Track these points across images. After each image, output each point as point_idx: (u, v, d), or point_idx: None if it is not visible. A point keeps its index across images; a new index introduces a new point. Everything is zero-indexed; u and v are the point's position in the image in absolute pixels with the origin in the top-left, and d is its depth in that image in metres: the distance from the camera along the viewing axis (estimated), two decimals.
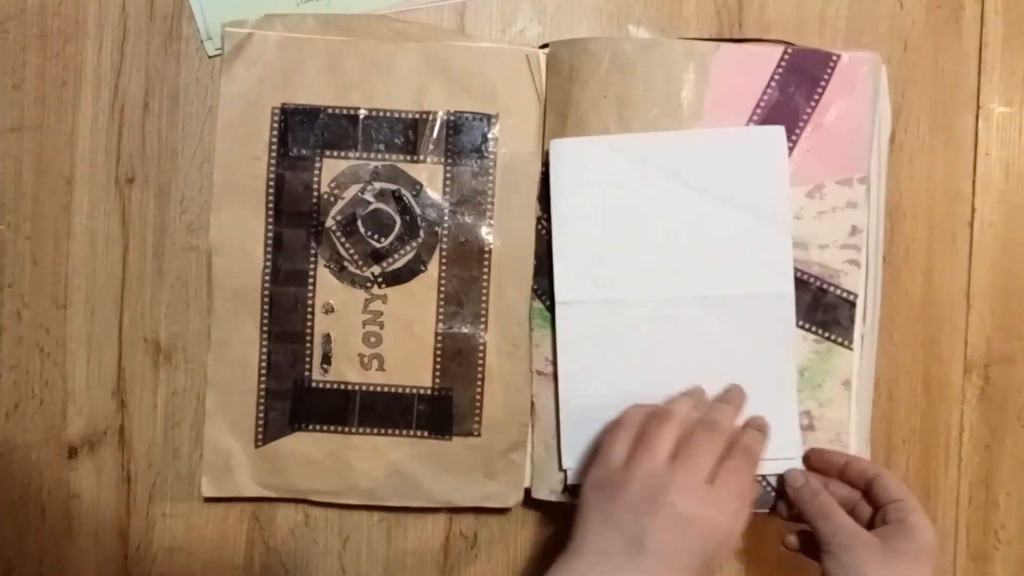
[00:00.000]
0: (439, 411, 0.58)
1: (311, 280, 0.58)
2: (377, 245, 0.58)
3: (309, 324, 0.58)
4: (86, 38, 0.59)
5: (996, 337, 0.60)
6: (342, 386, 0.58)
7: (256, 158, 0.57)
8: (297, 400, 0.58)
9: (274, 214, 0.57)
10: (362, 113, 0.58)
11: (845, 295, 0.57)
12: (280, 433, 0.58)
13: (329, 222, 0.58)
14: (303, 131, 0.57)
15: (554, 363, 0.57)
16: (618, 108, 0.56)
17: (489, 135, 0.58)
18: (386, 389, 0.58)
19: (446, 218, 0.58)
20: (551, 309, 0.57)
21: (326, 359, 0.58)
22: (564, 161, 0.56)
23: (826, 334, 0.57)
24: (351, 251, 0.58)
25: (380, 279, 0.58)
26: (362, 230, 0.58)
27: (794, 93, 0.56)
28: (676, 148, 0.56)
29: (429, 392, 0.58)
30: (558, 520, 0.59)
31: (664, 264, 0.56)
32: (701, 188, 0.56)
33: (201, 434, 0.58)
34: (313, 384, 0.58)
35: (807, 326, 0.57)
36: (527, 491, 0.58)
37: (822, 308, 0.57)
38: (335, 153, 0.58)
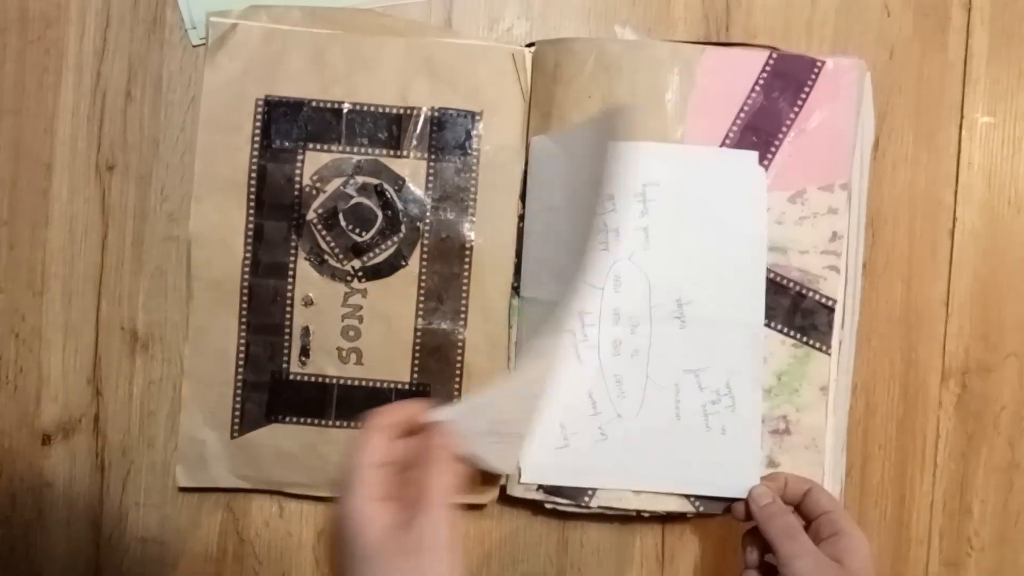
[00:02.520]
0: None
1: (291, 273, 0.57)
2: (358, 239, 0.58)
3: (288, 317, 0.57)
4: (68, 23, 0.58)
5: (974, 346, 0.60)
6: (320, 379, 0.58)
7: (238, 149, 0.57)
8: (274, 392, 0.58)
9: (255, 206, 0.57)
10: (346, 107, 0.57)
11: (824, 300, 0.57)
12: (256, 425, 0.58)
13: (310, 215, 0.57)
14: (286, 123, 0.57)
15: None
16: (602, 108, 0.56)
17: (473, 132, 0.58)
18: (364, 383, 0.58)
19: (428, 214, 0.58)
20: None
21: (304, 352, 0.58)
22: (543, 159, 0.56)
23: (804, 339, 0.57)
24: (332, 244, 0.57)
25: (360, 273, 0.57)
26: (343, 224, 0.57)
27: (778, 98, 0.56)
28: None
29: (407, 387, 0.58)
30: (533, 517, 0.59)
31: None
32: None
33: (177, 424, 0.58)
34: (291, 376, 0.58)
35: (785, 330, 0.57)
36: (502, 488, 0.58)
37: (801, 313, 0.57)
38: (318, 146, 0.57)
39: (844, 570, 0.49)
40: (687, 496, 0.56)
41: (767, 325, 0.57)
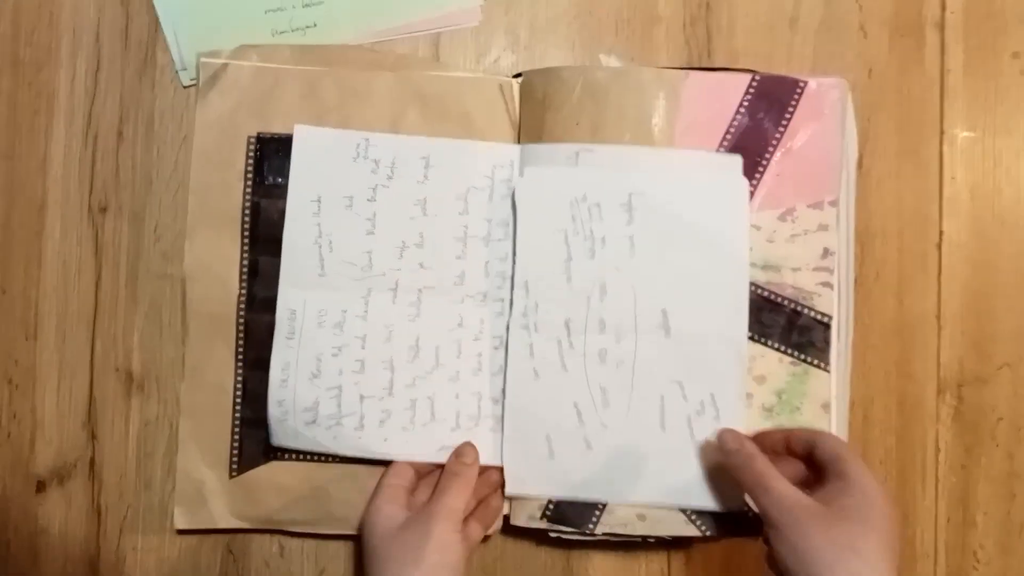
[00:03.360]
0: None
1: None
2: None
3: None
4: (59, 66, 0.59)
5: (968, 357, 0.61)
6: None
7: (231, 186, 0.57)
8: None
9: (249, 241, 0.57)
10: None
11: (819, 317, 0.57)
12: (255, 462, 0.57)
13: None
14: (279, 159, 0.57)
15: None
16: (591, 134, 0.57)
17: None
18: None
19: None
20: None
21: None
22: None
23: (802, 356, 0.57)
24: None
25: None
26: None
27: (763, 119, 0.57)
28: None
29: None
30: (537, 546, 0.59)
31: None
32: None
33: (174, 464, 0.57)
34: None
35: (783, 348, 0.57)
36: (506, 518, 0.57)
37: (797, 330, 0.57)
38: None
39: (830, 511, 0.45)
40: (688, 517, 0.56)
41: (764, 343, 0.57)
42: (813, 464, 0.51)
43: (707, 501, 0.56)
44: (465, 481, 0.53)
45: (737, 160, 0.57)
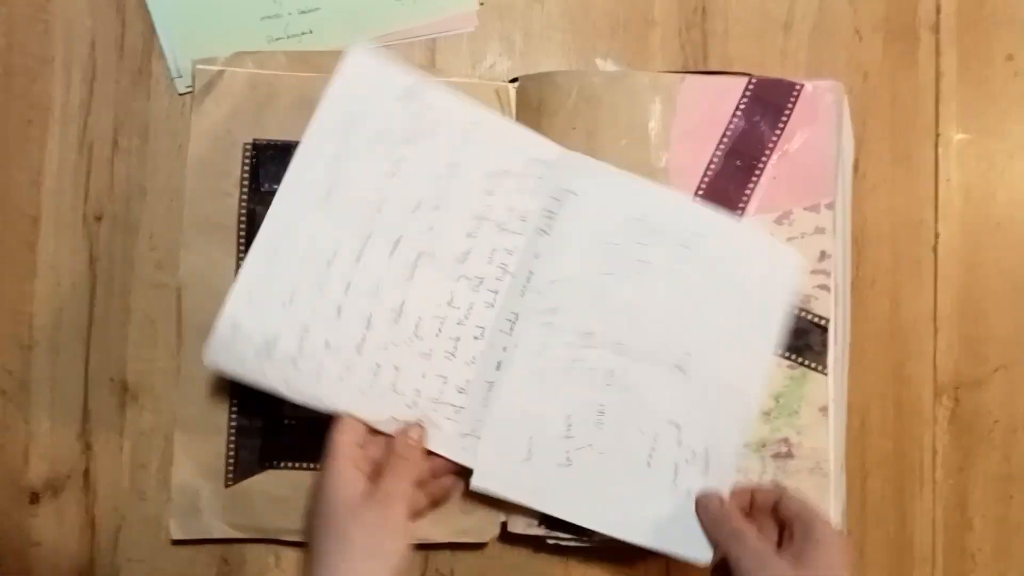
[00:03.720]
0: None
1: None
2: None
3: None
4: (53, 76, 0.59)
5: (964, 360, 0.61)
6: (315, 421, 0.57)
7: (227, 194, 0.57)
8: (268, 437, 0.57)
9: (245, 250, 0.57)
10: None
11: (816, 320, 0.57)
12: (251, 472, 0.57)
13: None
14: (274, 166, 0.57)
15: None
16: (587, 139, 0.57)
17: None
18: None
19: None
20: None
21: None
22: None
23: (800, 359, 0.57)
24: None
25: None
26: None
27: (759, 122, 0.58)
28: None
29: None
30: (535, 553, 0.59)
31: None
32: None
33: (169, 475, 0.57)
34: (285, 420, 0.57)
35: (780, 352, 0.57)
36: (503, 525, 0.57)
37: (794, 334, 0.57)
38: None
39: (800, 568, 0.47)
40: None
41: None
42: (777, 520, 0.52)
43: (672, 546, 0.54)
44: (414, 463, 0.53)
45: (800, 260, 0.57)
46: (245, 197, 0.57)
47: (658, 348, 0.55)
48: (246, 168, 0.57)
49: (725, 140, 0.58)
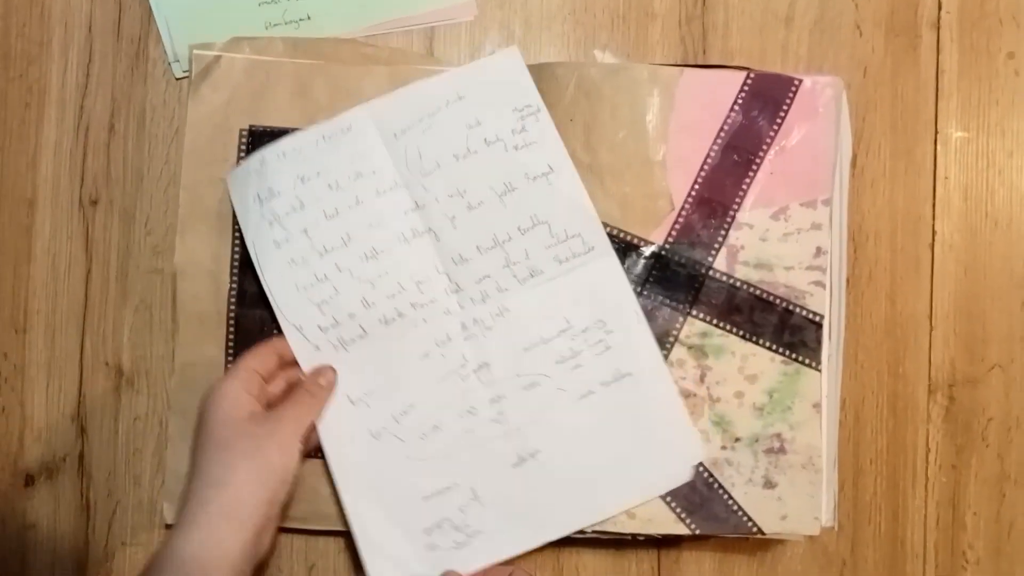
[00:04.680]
0: None
1: None
2: None
3: None
4: (50, 60, 0.59)
5: (959, 358, 0.61)
6: None
7: (223, 180, 0.57)
8: None
9: (241, 236, 0.57)
10: None
11: (811, 316, 0.57)
12: None
13: None
14: None
15: None
16: (584, 131, 0.57)
17: None
18: None
19: None
20: None
21: None
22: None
23: (793, 355, 0.57)
24: None
25: None
26: None
27: (757, 117, 0.57)
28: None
29: None
30: None
31: None
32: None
33: (163, 460, 0.57)
34: None
35: (774, 347, 0.57)
36: None
37: (789, 330, 0.57)
38: None
39: None
40: (678, 516, 0.56)
41: (755, 342, 0.57)
42: None
43: (652, 488, 0.56)
44: (318, 402, 0.54)
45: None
46: None
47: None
48: (242, 154, 0.57)
49: (723, 134, 0.57)
